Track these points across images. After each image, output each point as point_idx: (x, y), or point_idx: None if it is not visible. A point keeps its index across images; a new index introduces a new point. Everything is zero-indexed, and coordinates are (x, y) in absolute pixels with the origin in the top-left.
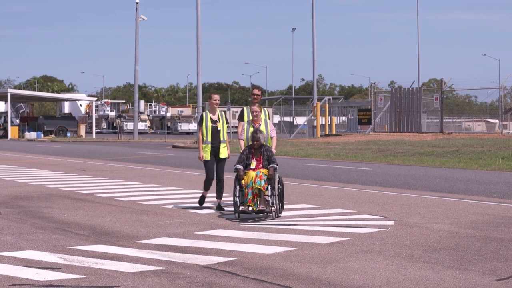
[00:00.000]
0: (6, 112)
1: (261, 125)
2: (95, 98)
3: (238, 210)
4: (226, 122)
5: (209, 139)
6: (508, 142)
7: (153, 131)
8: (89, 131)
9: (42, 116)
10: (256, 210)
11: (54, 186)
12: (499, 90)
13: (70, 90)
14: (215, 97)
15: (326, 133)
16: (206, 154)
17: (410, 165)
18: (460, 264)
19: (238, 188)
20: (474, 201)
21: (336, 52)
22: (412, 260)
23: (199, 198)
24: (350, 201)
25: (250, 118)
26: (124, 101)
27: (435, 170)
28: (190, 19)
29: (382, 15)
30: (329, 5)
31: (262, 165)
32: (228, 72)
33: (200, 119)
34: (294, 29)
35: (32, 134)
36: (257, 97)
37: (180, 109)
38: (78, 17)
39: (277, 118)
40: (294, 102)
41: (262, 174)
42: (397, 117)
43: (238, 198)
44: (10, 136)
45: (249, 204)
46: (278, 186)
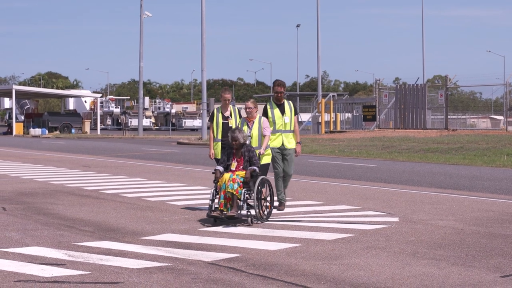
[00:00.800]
0: (11, 108)
1: (254, 122)
2: (100, 95)
3: (209, 215)
4: (240, 118)
5: (219, 136)
6: None
7: (157, 128)
8: (93, 128)
9: (47, 112)
10: (226, 215)
11: (59, 183)
12: (504, 87)
13: (75, 86)
14: (225, 96)
15: (331, 129)
16: (216, 152)
17: (415, 161)
18: (465, 260)
19: (214, 191)
20: (479, 197)
21: (340, 48)
22: (416, 256)
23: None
24: (355, 197)
25: (269, 115)
26: (128, 97)
27: (440, 167)
28: (195, 15)
29: (387, 12)
30: (333, 1)
31: (242, 166)
32: (232, 68)
33: (211, 115)
34: (298, 25)
35: (36, 131)
36: (280, 95)
37: (184, 105)
38: (83, 13)
39: None
40: (298, 98)
41: (236, 177)
42: (401, 113)
43: (212, 202)
44: (15, 132)
45: (220, 208)
46: (258, 189)
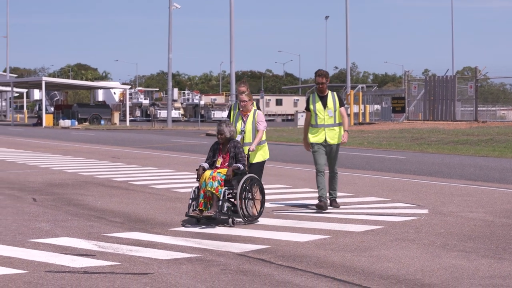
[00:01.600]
0: (41, 100)
1: (249, 116)
2: (129, 86)
3: (188, 214)
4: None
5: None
6: None
7: (186, 119)
8: (122, 119)
9: (76, 104)
10: (201, 215)
11: (88, 174)
12: None
13: (104, 78)
14: (240, 89)
15: (360, 121)
16: None
17: (444, 153)
18: (495, 253)
19: (195, 189)
20: (509, 189)
21: (369, 40)
22: (446, 248)
23: None
24: (384, 189)
25: (313, 107)
26: (157, 89)
27: (470, 159)
28: (223, 7)
29: (417, 3)
30: None
31: (227, 163)
32: (261, 60)
33: (228, 112)
34: (327, 17)
35: (66, 122)
36: (322, 86)
37: (213, 97)
38: (113, 5)
39: None
40: None
41: (216, 174)
42: (431, 105)
43: (192, 201)
44: (44, 123)
45: (200, 207)
46: (243, 188)
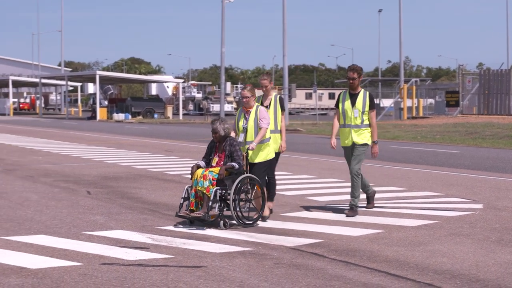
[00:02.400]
0: (95, 93)
1: (251, 112)
2: (182, 80)
3: (177, 214)
4: (282, 109)
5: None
6: None
7: None
8: (175, 113)
9: (130, 97)
10: (190, 216)
11: (142, 167)
12: None
13: (157, 72)
14: (262, 82)
15: (413, 115)
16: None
17: (499, 148)
18: None
19: (188, 188)
20: None
21: (423, 33)
22: (501, 244)
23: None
24: (438, 184)
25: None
26: (210, 83)
27: None
28: (276, 1)
29: None
30: None
31: (223, 162)
32: (313, 54)
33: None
34: (380, 10)
35: (120, 116)
36: (352, 82)
37: None
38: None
39: None
40: (380, 84)
41: (208, 173)
42: (485, 99)
43: (183, 200)
44: (98, 117)
45: (191, 207)
46: (237, 188)
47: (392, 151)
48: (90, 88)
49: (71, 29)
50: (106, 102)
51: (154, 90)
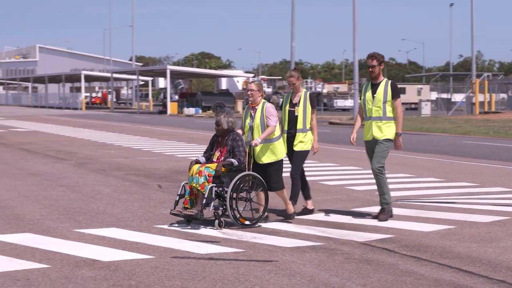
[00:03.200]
0: (166, 88)
1: (257, 109)
2: (252, 75)
3: (171, 212)
4: (312, 106)
5: (285, 127)
6: None
7: None
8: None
9: (200, 92)
10: (183, 214)
11: None
12: None
13: (227, 66)
14: (289, 80)
15: (485, 110)
16: (285, 145)
17: None
18: None
19: (185, 184)
20: None
21: (495, 27)
22: None
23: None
24: (511, 179)
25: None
26: (280, 77)
27: None
28: None
29: None
30: None
31: (223, 157)
32: (384, 48)
33: (280, 104)
34: (452, 4)
35: (190, 110)
36: (372, 70)
37: (336, 85)
38: None
39: (434, 95)
40: (452, 78)
41: (204, 169)
42: None
43: (179, 197)
44: (169, 111)
45: (185, 205)
46: (235, 186)
47: (463, 146)
48: (161, 82)
49: (142, 24)
50: (177, 97)
51: (224, 84)
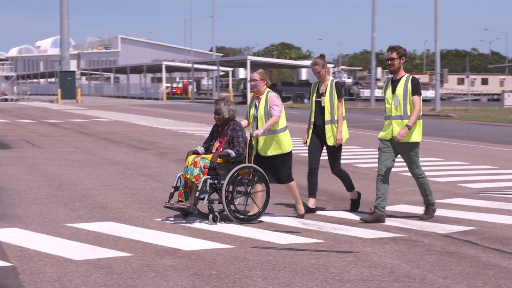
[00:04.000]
0: (246, 78)
1: (261, 99)
2: (332, 65)
3: (164, 205)
4: (339, 96)
5: (312, 118)
6: None
7: None
8: None
9: (280, 82)
10: (175, 207)
11: (294, 152)
12: None
13: (307, 57)
14: (313, 68)
15: None
16: (309, 138)
17: None
18: None
19: (181, 175)
20: None
21: None
22: None
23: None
24: None
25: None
26: (361, 68)
27: None
28: None
29: None
30: None
31: (222, 148)
32: (466, 38)
33: (309, 94)
34: None
35: None
36: (392, 63)
37: (417, 76)
38: None
39: None
40: None
41: (199, 160)
42: None
43: (174, 190)
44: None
45: (179, 198)
46: (234, 177)
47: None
48: (241, 73)
49: (223, 14)
50: None
51: (304, 75)
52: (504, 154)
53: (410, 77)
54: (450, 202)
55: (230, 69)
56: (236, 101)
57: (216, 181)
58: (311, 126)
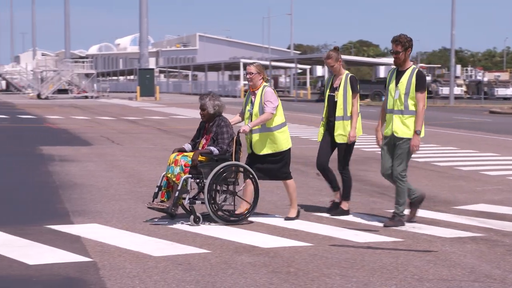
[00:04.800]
0: (323, 76)
1: (257, 94)
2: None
3: (147, 205)
4: (353, 91)
5: (324, 113)
6: None
7: (468, 96)
8: None
9: (358, 80)
10: (155, 208)
11: (370, 150)
12: None
13: (385, 55)
14: (326, 61)
15: None
16: (319, 133)
17: None
18: None
19: (164, 175)
20: None
21: None
22: None
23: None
24: None
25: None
26: (439, 65)
27: None
28: None
29: None
30: None
31: (208, 145)
32: None
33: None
34: None
35: None
36: (396, 56)
37: (497, 73)
38: None
39: None
40: None
41: (181, 158)
42: None
43: (158, 189)
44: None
45: (161, 198)
46: (218, 176)
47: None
48: (319, 70)
49: (301, 11)
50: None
51: (382, 73)
52: None
53: (416, 69)
54: None
55: (308, 66)
56: (313, 98)
57: (198, 180)
58: (323, 122)
